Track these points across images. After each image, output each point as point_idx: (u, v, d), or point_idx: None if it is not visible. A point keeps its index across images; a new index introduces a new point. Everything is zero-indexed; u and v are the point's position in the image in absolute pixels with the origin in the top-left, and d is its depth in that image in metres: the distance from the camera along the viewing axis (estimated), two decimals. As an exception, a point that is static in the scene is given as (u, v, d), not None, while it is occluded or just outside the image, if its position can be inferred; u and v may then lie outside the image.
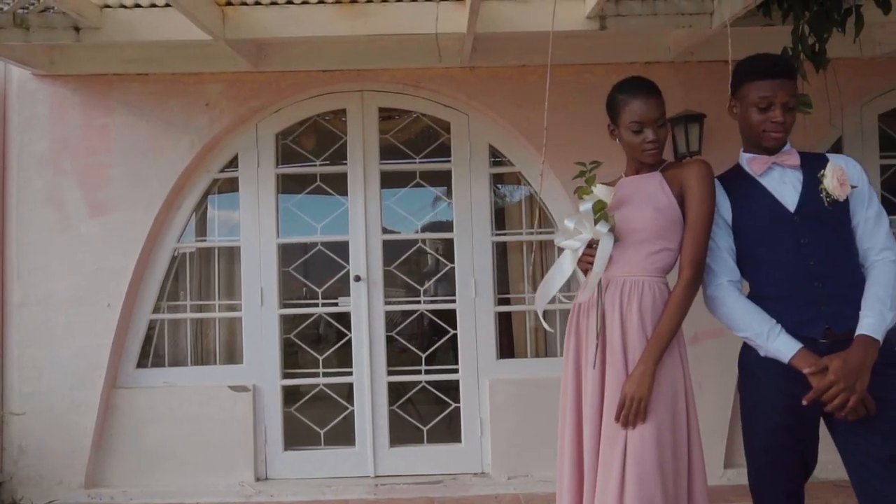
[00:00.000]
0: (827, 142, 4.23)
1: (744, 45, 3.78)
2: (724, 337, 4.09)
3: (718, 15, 3.36)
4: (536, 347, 4.32)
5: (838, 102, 4.07)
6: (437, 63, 3.94)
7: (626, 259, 2.11)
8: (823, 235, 2.01)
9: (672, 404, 2.02)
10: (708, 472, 3.97)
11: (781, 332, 1.98)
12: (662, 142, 2.15)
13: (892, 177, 4.28)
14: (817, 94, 3.98)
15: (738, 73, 2.11)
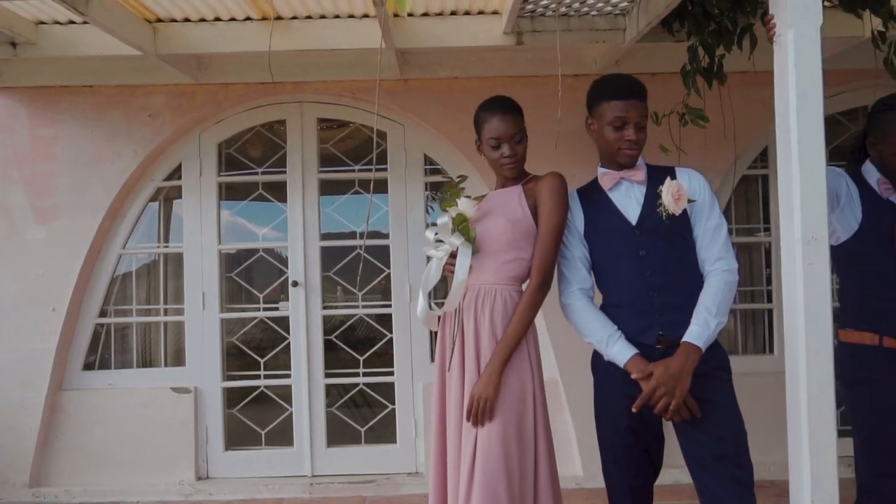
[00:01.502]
0: (753, 151, 4.37)
1: (660, 58, 3.96)
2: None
3: (630, 31, 3.49)
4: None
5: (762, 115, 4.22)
6: (372, 76, 4.08)
7: (483, 268, 2.25)
8: (662, 248, 2.13)
9: (519, 405, 2.14)
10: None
11: (620, 338, 2.11)
12: (520, 156, 2.28)
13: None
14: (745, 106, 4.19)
15: (594, 93, 2.25)
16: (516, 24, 3.52)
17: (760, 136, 4.34)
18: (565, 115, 4.15)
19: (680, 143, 3.71)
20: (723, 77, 3.21)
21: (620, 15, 3.53)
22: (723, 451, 2.06)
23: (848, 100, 4.45)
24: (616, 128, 2.16)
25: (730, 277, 2.10)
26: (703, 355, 2.06)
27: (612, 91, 2.18)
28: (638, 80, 2.23)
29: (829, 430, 1.94)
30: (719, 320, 2.06)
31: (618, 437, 2.20)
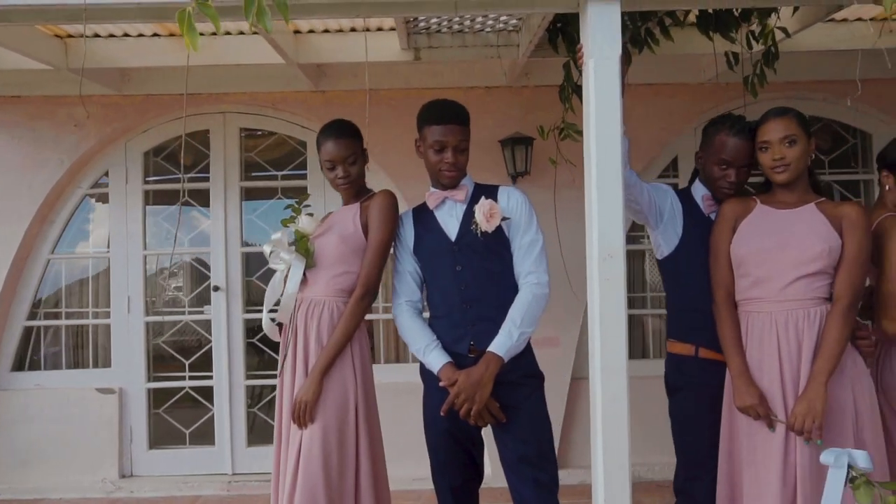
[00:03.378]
0: (662, 161, 4.49)
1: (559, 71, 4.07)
2: (559, 346, 4.42)
3: (522, 47, 3.61)
4: (397, 354, 4.57)
5: (668, 125, 4.36)
6: (290, 87, 4.23)
7: (315, 281, 2.39)
8: (477, 263, 2.26)
9: (340, 410, 2.28)
10: None
11: (436, 348, 2.24)
12: (353, 177, 2.41)
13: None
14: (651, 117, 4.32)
15: (419, 118, 2.37)
16: (413, 40, 3.65)
17: (670, 146, 4.47)
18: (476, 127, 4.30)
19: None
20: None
21: (514, 31, 3.65)
22: (526, 454, 2.20)
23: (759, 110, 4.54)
24: (436, 151, 2.29)
25: (538, 290, 2.23)
26: (511, 364, 2.19)
27: (432, 116, 2.30)
28: (459, 105, 2.36)
29: (622, 436, 2.05)
30: (523, 331, 2.19)
31: (438, 440, 2.34)
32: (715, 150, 2.40)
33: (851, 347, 2.16)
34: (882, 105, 4.49)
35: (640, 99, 4.39)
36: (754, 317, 2.21)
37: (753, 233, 2.24)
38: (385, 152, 4.31)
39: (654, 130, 4.33)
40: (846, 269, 2.14)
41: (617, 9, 2.10)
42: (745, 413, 2.16)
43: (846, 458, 1.92)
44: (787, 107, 2.33)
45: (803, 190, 2.27)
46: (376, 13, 2.14)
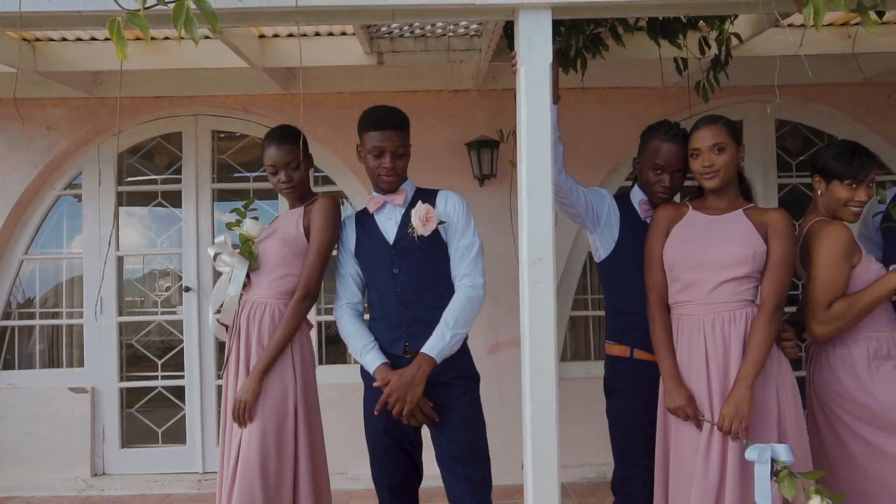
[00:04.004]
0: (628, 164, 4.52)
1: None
2: (524, 346, 4.47)
3: (483, 51, 3.65)
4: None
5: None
6: (261, 90, 4.28)
7: (258, 283, 2.43)
8: (413, 266, 2.30)
9: (280, 409, 2.33)
10: (506, 471, 4.35)
11: (373, 349, 2.29)
12: (295, 182, 2.46)
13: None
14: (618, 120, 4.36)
15: (359, 124, 2.41)
16: (376, 44, 3.69)
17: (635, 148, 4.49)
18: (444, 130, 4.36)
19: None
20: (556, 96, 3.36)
21: (476, 36, 3.69)
22: (458, 453, 2.25)
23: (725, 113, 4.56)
24: (375, 156, 2.33)
25: (473, 293, 2.27)
26: (444, 365, 2.23)
27: (371, 123, 2.35)
28: (398, 112, 2.40)
29: (552, 436, 2.09)
30: (455, 332, 2.23)
31: (376, 439, 2.38)
32: (650, 156, 2.44)
33: (776, 349, 2.20)
34: (849, 109, 4.53)
35: (606, 102, 4.45)
36: (684, 319, 2.25)
37: (683, 238, 2.29)
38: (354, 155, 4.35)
39: (619, 133, 4.36)
40: (770, 273, 2.18)
41: (548, 18, 2.14)
42: (674, 414, 2.20)
43: (769, 453, 1.98)
44: (718, 115, 2.37)
45: (733, 196, 2.31)
46: (311, 21, 2.17)
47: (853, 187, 2.28)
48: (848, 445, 2.25)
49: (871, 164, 2.31)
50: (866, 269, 2.24)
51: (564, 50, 3.30)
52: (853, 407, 2.23)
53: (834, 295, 2.21)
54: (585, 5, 2.16)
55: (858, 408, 2.22)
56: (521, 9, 2.14)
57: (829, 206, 2.34)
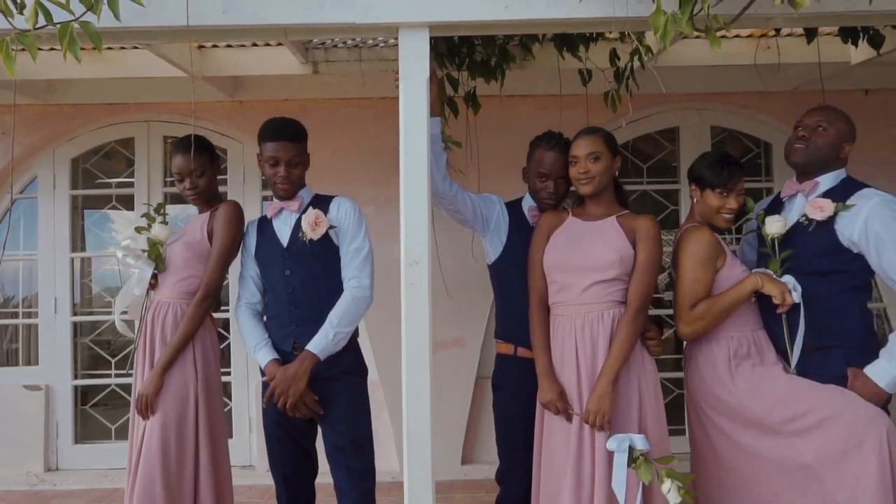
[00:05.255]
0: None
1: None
2: (465, 346, 4.60)
3: (413, 61, 3.78)
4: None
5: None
6: (208, 98, 4.42)
7: (164, 284, 2.58)
8: (304, 268, 2.45)
9: (180, 403, 2.48)
10: (447, 468, 4.48)
11: (265, 346, 2.44)
12: (200, 189, 2.61)
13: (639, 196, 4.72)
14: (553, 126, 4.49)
15: (258, 134, 2.56)
16: (311, 55, 3.84)
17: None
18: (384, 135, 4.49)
19: (479, 164, 4.07)
20: (477, 106, 3.51)
21: (403, 46, 3.82)
22: (340, 444, 2.40)
23: (661, 120, 4.73)
24: (271, 165, 2.48)
25: (358, 294, 2.41)
26: (329, 362, 2.37)
27: (267, 133, 2.50)
28: (295, 123, 2.54)
29: (425, 432, 2.22)
30: (339, 331, 2.37)
31: (269, 430, 2.54)
32: (535, 165, 2.58)
33: (641, 346, 2.33)
34: (782, 116, 4.65)
35: (547, 109, 4.57)
36: (559, 319, 2.39)
37: (561, 243, 2.42)
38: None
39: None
40: (636, 276, 2.32)
41: (425, 36, 2.28)
42: (546, 407, 2.34)
43: (627, 442, 2.13)
44: (597, 126, 2.50)
45: (608, 203, 2.45)
46: (204, 39, 2.31)
47: (724, 195, 2.41)
48: (713, 439, 2.38)
49: (740, 174, 2.45)
50: (730, 272, 2.37)
51: (485, 60, 3.45)
52: (716, 402, 2.36)
53: (697, 296, 2.34)
54: (460, 24, 2.30)
55: (720, 403, 2.35)
56: (401, 27, 2.28)
57: (704, 214, 2.47)
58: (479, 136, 3.93)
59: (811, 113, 2.46)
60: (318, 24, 2.30)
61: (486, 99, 3.68)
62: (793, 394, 2.24)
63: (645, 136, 4.79)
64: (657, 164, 4.82)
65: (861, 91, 4.61)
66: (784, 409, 2.23)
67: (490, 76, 3.47)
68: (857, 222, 2.25)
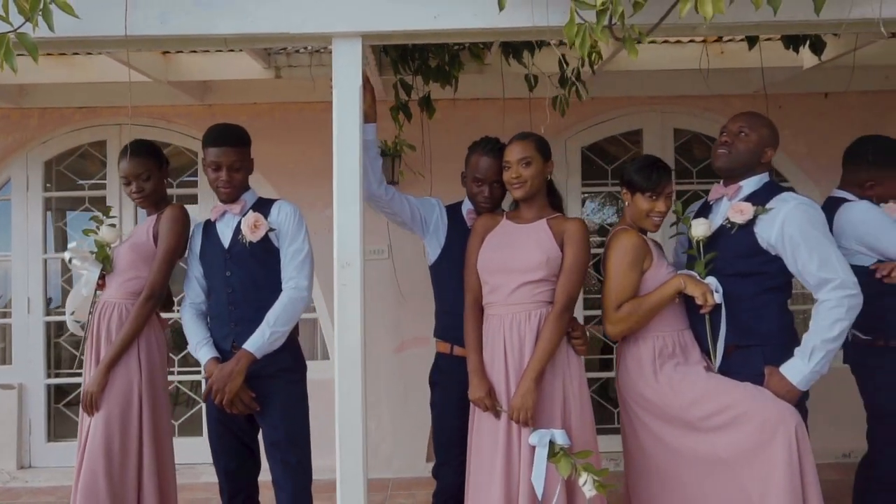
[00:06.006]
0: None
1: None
2: (430, 346, 4.67)
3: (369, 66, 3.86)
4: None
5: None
6: (178, 102, 4.50)
7: (110, 284, 2.68)
8: (243, 269, 2.52)
9: (124, 400, 2.57)
10: (412, 464, 4.55)
11: (206, 345, 2.52)
12: (147, 192, 2.69)
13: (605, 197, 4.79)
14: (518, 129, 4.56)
15: (202, 140, 2.63)
16: (273, 59, 3.92)
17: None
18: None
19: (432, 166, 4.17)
20: (431, 110, 3.58)
21: (367, 50, 3.90)
22: (276, 439, 2.49)
23: (624, 123, 4.80)
24: (213, 170, 2.56)
25: (295, 294, 2.49)
26: (266, 359, 2.46)
27: (209, 139, 2.57)
28: (237, 129, 2.62)
29: (357, 429, 2.29)
30: (274, 330, 2.45)
31: (211, 426, 2.63)
32: (472, 169, 2.65)
33: (567, 345, 2.41)
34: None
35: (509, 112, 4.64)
36: (490, 319, 2.46)
37: (493, 245, 2.50)
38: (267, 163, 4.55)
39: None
40: (563, 277, 2.40)
41: (358, 45, 2.35)
42: (475, 404, 2.42)
43: (548, 437, 2.20)
44: (529, 132, 2.57)
45: (540, 207, 2.52)
46: (143, 48, 2.39)
47: (653, 199, 2.48)
48: (640, 436, 2.46)
49: (668, 178, 2.52)
50: (656, 273, 2.44)
51: (440, 66, 3.52)
52: (642, 400, 2.43)
53: (623, 297, 2.42)
54: (391, 34, 2.38)
55: (645, 401, 2.42)
56: (335, 37, 2.35)
57: (634, 217, 2.54)
58: (435, 140, 4.01)
59: (735, 119, 2.53)
60: (256, 34, 2.37)
61: (440, 102, 3.75)
62: (710, 392, 2.31)
63: (610, 139, 4.87)
64: (622, 166, 4.89)
65: (821, 94, 4.69)
66: (702, 406, 2.31)
67: (445, 81, 3.54)
68: (775, 225, 2.32)
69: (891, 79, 4.48)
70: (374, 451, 4.65)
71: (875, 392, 2.64)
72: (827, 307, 2.25)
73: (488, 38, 2.57)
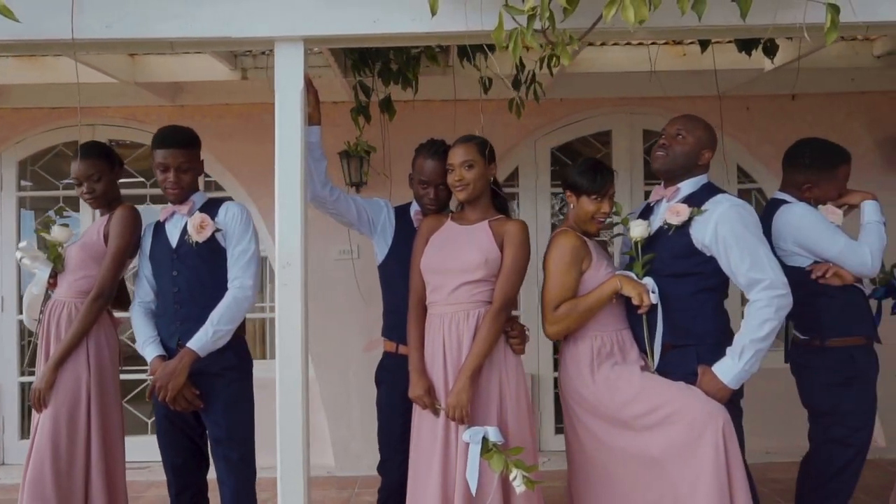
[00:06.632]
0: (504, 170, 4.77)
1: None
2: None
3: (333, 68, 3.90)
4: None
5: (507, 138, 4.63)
6: (149, 102, 4.55)
7: (61, 283, 2.73)
8: (190, 269, 2.57)
9: (72, 398, 2.61)
10: (371, 464, 4.57)
11: (152, 343, 2.56)
12: (97, 193, 2.73)
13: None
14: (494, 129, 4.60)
15: (151, 142, 2.67)
16: (240, 61, 3.96)
17: (509, 157, 4.76)
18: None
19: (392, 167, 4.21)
20: (392, 112, 3.62)
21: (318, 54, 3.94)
22: (218, 436, 2.54)
23: (594, 124, 4.84)
24: (161, 171, 2.60)
25: (239, 294, 2.54)
26: (210, 358, 2.50)
27: (157, 141, 2.62)
28: (185, 130, 2.66)
29: (297, 425, 2.32)
30: (217, 329, 2.49)
31: (158, 422, 2.69)
32: (417, 172, 2.70)
33: (505, 344, 2.45)
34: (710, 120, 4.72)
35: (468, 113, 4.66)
36: (432, 318, 2.50)
37: (436, 245, 2.54)
38: (238, 163, 4.64)
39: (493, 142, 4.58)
40: (501, 278, 2.44)
41: (300, 49, 2.39)
42: (415, 402, 2.46)
43: (482, 434, 2.24)
44: (473, 135, 2.60)
45: (484, 209, 2.56)
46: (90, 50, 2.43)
47: (598, 201, 2.52)
48: (580, 434, 2.49)
49: (611, 180, 2.55)
50: (595, 274, 2.48)
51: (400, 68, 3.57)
52: (580, 399, 2.47)
53: (561, 298, 2.45)
54: (332, 38, 2.42)
55: (584, 400, 2.46)
56: (277, 41, 2.39)
57: (579, 219, 2.57)
58: (397, 141, 4.05)
59: (672, 122, 2.56)
60: (200, 37, 2.41)
61: (402, 104, 3.79)
62: (644, 391, 2.35)
63: (580, 139, 4.91)
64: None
65: (787, 96, 4.72)
66: (635, 405, 2.34)
67: (406, 83, 3.58)
68: (709, 226, 2.36)
69: (857, 81, 4.52)
70: (345, 449, 4.70)
71: (810, 391, 2.68)
72: (756, 307, 2.29)
73: (425, 42, 2.61)
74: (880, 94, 4.67)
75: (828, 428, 2.62)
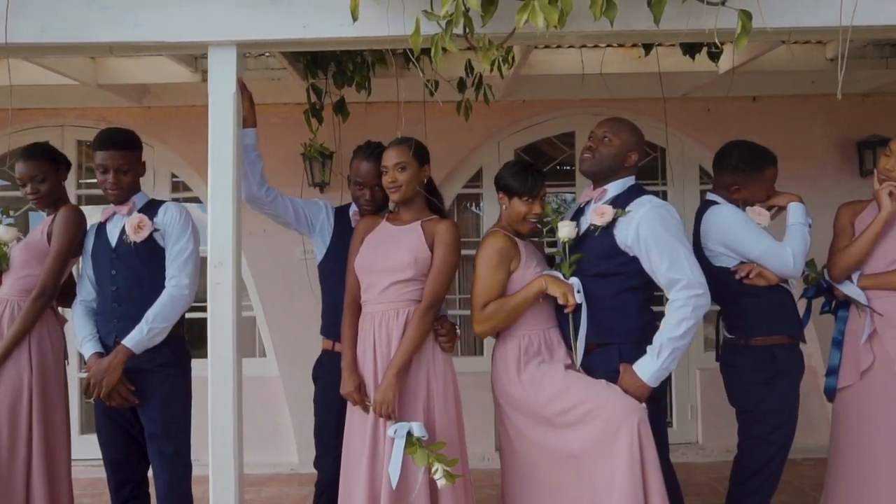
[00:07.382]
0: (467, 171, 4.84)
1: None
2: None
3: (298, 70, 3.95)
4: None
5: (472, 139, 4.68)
6: (115, 104, 4.60)
7: (5, 282, 2.80)
8: (128, 268, 2.63)
9: (14, 396, 2.67)
10: None
11: (90, 340, 2.63)
12: (42, 194, 2.79)
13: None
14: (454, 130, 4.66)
15: (91, 144, 2.73)
16: (200, 63, 4.01)
17: (473, 158, 4.82)
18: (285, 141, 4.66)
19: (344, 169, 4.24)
20: (346, 114, 3.68)
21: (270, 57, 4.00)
22: (153, 431, 2.61)
23: (558, 125, 4.90)
24: (101, 173, 2.67)
25: (175, 292, 2.60)
26: (146, 355, 2.57)
27: (97, 143, 2.69)
28: (125, 133, 2.72)
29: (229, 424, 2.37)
30: (153, 326, 2.55)
31: (98, 418, 2.75)
32: (353, 173, 2.75)
33: (433, 341, 2.50)
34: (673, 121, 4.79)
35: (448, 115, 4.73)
36: (364, 316, 2.56)
37: (370, 245, 2.59)
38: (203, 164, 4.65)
39: (457, 143, 4.65)
40: (430, 277, 2.49)
41: (233, 53, 2.45)
42: (346, 399, 2.51)
43: (406, 429, 2.30)
44: (406, 137, 2.65)
45: (418, 209, 2.61)
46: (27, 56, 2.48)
47: (530, 202, 2.57)
48: (509, 432, 2.54)
49: (542, 182, 2.60)
50: (523, 274, 2.53)
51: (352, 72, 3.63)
52: (507, 397, 2.52)
53: (489, 297, 2.50)
54: (265, 42, 2.48)
55: (511, 398, 2.51)
56: (210, 46, 2.45)
57: (511, 220, 2.62)
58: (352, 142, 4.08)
59: (600, 125, 2.61)
60: (136, 41, 2.46)
61: (357, 106, 3.85)
62: (565, 389, 2.40)
63: (544, 140, 4.96)
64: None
65: (749, 98, 4.77)
66: (557, 403, 2.39)
67: (359, 86, 3.64)
68: (631, 227, 2.41)
69: (817, 83, 4.56)
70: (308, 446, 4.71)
71: (736, 389, 2.72)
72: (675, 307, 2.34)
73: (353, 47, 2.68)
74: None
75: (751, 425, 2.67)
